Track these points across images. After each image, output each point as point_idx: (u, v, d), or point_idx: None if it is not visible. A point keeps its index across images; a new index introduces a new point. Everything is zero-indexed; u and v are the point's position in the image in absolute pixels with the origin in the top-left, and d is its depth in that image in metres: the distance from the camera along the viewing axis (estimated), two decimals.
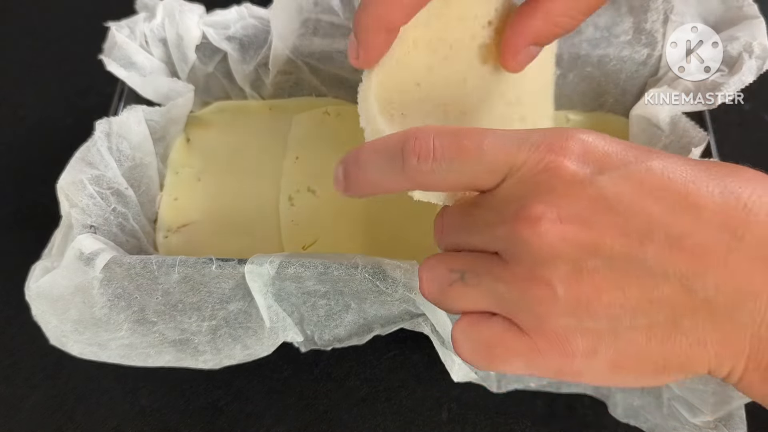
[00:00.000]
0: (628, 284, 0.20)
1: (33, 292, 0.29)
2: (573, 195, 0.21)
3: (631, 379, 0.21)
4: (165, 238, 0.36)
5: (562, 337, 0.21)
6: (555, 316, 0.20)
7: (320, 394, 0.35)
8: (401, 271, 0.27)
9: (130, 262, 0.28)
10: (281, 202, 0.37)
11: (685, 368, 0.20)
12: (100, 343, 0.30)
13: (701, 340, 0.20)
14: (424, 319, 0.29)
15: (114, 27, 0.36)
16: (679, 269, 0.19)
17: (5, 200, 0.43)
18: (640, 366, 0.20)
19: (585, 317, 0.20)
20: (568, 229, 0.20)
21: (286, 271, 0.27)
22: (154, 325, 0.29)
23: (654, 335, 0.20)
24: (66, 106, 0.46)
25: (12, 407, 0.35)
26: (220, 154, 0.40)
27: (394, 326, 0.30)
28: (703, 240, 0.19)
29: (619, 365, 0.21)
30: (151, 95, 0.37)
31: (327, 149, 0.39)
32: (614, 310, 0.20)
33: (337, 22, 0.36)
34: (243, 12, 0.38)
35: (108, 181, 0.32)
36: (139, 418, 0.35)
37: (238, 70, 0.39)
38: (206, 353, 0.31)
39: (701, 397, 0.27)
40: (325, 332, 0.30)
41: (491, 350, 0.22)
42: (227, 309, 0.29)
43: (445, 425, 0.34)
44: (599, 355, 0.20)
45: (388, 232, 0.36)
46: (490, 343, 0.22)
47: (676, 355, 0.20)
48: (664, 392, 0.29)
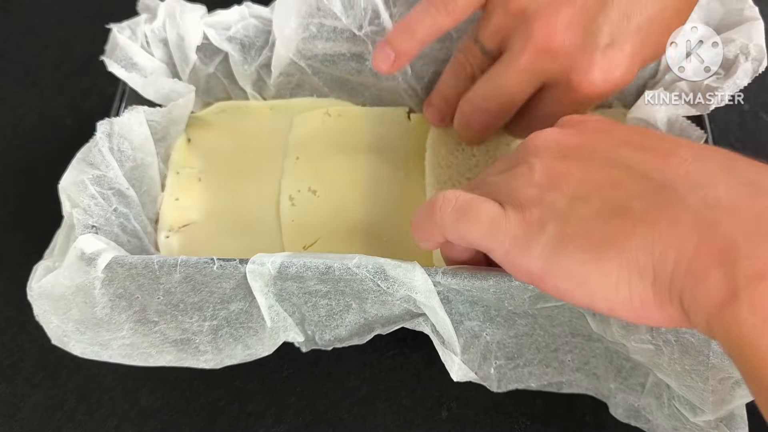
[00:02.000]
0: (595, 171, 0.23)
1: (35, 292, 0.29)
2: (576, 124, 0.26)
3: (571, 260, 0.22)
4: (166, 238, 0.36)
5: (525, 205, 0.23)
6: (525, 187, 0.24)
7: (320, 393, 0.35)
8: (402, 271, 0.27)
9: (131, 262, 0.28)
10: (282, 202, 0.37)
11: (626, 250, 0.21)
12: (102, 343, 0.30)
13: (648, 219, 0.21)
14: (424, 319, 0.29)
15: (116, 28, 0.36)
16: (644, 164, 0.23)
17: (5, 200, 0.43)
18: (583, 240, 0.22)
19: (549, 191, 0.23)
20: (562, 135, 0.25)
21: (287, 270, 0.27)
22: (156, 325, 0.30)
23: (602, 213, 0.22)
24: (67, 107, 0.47)
25: (13, 406, 0.35)
26: (221, 154, 0.40)
27: (395, 326, 0.30)
28: (670, 148, 0.23)
29: (564, 238, 0.22)
30: (152, 96, 0.37)
31: (328, 150, 0.39)
32: (576, 189, 0.23)
33: (339, 27, 0.37)
34: (244, 11, 0.38)
35: (109, 182, 0.32)
36: (140, 417, 0.35)
37: (239, 70, 0.39)
38: (207, 353, 0.31)
39: (701, 396, 0.27)
40: (326, 332, 0.31)
41: (465, 210, 0.25)
42: (228, 309, 0.29)
43: (445, 424, 0.34)
44: (549, 228, 0.23)
45: (388, 232, 0.36)
46: (469, 205, 0.25)
47: (618, 233, 0.21)
48: (664, 392, 0.29)
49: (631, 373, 0.30)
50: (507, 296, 0.28)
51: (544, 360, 0.31)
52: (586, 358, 0.31)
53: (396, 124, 0.40)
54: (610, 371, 0.31)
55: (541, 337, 0.30)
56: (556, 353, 0.31)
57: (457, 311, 0.29)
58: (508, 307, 0.29)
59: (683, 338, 0.26)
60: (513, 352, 0.31)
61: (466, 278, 0.27)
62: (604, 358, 0.31)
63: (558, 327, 0.30)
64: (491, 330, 0.30)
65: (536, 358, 0.31)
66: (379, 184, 0.38)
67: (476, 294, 0.28)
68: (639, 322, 0.22)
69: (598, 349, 0.31)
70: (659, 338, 0.27)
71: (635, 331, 0.27)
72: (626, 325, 0.27)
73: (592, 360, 0.31)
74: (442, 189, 0.37)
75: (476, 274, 0.27)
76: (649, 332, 0.27)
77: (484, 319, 0.30)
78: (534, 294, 0.28)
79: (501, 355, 0.31)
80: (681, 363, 0.27)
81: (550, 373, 0.31)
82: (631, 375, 0.30)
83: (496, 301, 0.28)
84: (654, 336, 0.27)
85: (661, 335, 0.27)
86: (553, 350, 0.31)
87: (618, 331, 0.27)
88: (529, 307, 0.28)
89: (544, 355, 0.31)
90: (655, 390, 0.30)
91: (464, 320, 0.30)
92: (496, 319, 0.30)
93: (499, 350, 0.31)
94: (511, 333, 0.30)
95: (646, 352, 0.27)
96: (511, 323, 0.30)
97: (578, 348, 0.31)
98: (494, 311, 0.30)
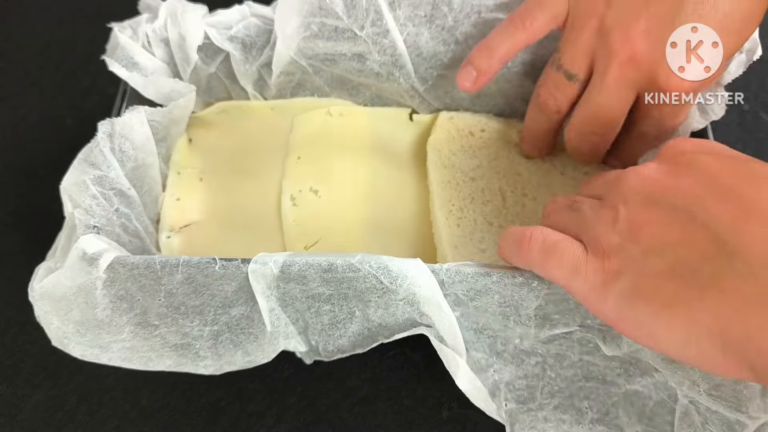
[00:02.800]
0: (673, 225, 0.23)
1: (36, 293, 0.29)
2: (675, 159, 0.26)
3: (641, 314, 0.23)
4: (167, 239, 0.36)
5: (606, 253, 0.24)
6: (608, 234, 0.25)
7: (321, 393, 0.35)
8: (405, 266, 0.27)
9: (133, 262, 0.28)
10: (283, 202, 0.37)
11: (694, 311, 0.21)
12: (102, 346, 0.30)
13: (715, 286, 0.21)
14: (428, 330, 0.29)
15: (117, 28, 0.36)
16: (722, 224, 0.22)
17: (6, 200, 0.43)
18: (653, 296, 0.23)
19: (629, 240, 0.24)
20: (656, 175, 0.25)
21: (290, 269, 0.27)
22: (156, 329, 0.29)
23: (674, 271, 0.22)
24: (67, 107, 0.47)
25: (13, 407, 0.35)
26: (222, 154, 0.40)
27: (398, 335, 0.29)
28: (755, 200, 0.22)
29: (636, 292, 0.23)
30: (153, 96, 0.37)
31: (329, 149, 0.39)
32: (652, 242, 0.23)
33: (340, 26, 0.37)
34: (245, 11, 0.38)
35: (111, 182, 0.32)
36: (141, 418, 0.35)
37: (240, 70, 0.39)
38: (207, 359, 0.30)
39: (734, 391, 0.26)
40: (330, 342, 0.30)
41: (551, 252, 0.26)
42: (230, 314, 0.29)
43: (446, 424, 0.34)
44: (624, 279, 0.23)
45: (390, 232, 0.36)
46: (554, 247, 0.26)
47: (687, 294, 0.22)
48: (695, 418, 0.28)
49: (656, 411, 0.29)
50: (511, 306, 0.28)
51: (560, 407, 0.30)
52: (605, 408, 0.30)
53: (398, 124, 0.41)
54: (632, 415, 0.29)
55: (553, 381, 0.30)
56: (572, 399, 0.30)
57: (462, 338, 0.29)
58: (515, 338, 0.28)
59: None
60: (524, 395, 0.30)
61: (468, 276, 0.27)
62: (624, 402, 0.29)
63: (569, 369, 0.29)
64: (499, 366, 0.30)
65: (550, 403, 0.30)
66: (380, 184, 0.38)
67: (480, 304, 0.28)
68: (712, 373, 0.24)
69: (616, 396, 0.29)
70: None
71: None
72: None
73: (612, 410, 0.30)
74: (444, 190, 0.37)
75: (479, 270, 0.27)
76: None
77: (491, 353, 0.30)
78: (539, 307, 0.28)
79: (511, 398, 0.30)
80: None
81: (567, 421, 0.30)
82: (656, 414, 0.29)
83: (502, 317, 0.28)
84: None
85: None
86: (567, 396, 0.30)
87: (629, 342, 0.27)
88: (534, 336, 0.28)
89: (559, 402, 0.30)
90: (686, 420, 0.28)
91: (470, 350, 0.29)
92: (503, 355, 0.29)
93: (509, 392, 0.30)
94: (520, 373, 0.30)
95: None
96: (519, 362, 0.30)
97: (594, 394, 0.30)
98: (501, 345, 0.29)
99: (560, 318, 0.28)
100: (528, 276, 0.27)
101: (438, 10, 0.36)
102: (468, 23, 0.37)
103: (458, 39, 0.37)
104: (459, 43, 0.37)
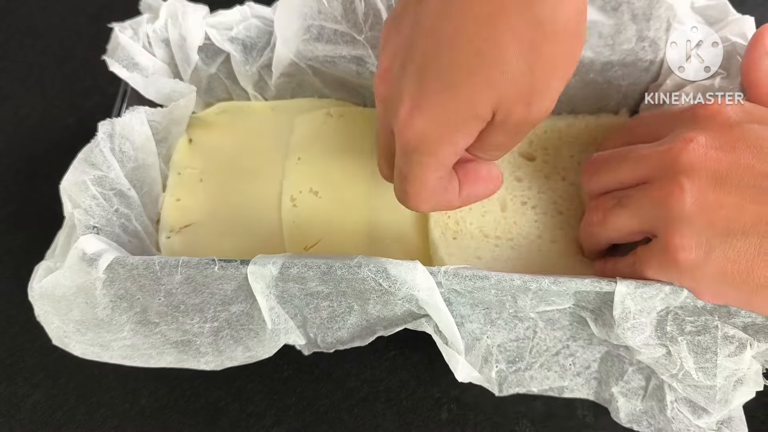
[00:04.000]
0: (748, 205, 0.24)
1: (36, 293, 0.29)
2: (724, 131, 0.26)
3: (734, 290, 0.24)
4: (167, 239, 0.36)
5: (682, 236, 0.25)
6: (679, 219, 0.25)
7: (320, 394, 0.35)
8: (404, 269, 0.27)
9: (132, 263, 0.28)
10: (283, 203, 0.37)
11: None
12: (102, 344, 0.30)
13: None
14: (427, 320, 0.29)
15: (117, 28, 0.36)
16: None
17: (7, 199, 0.43)
18: (745, 278, 0.24)
19: (703, 225, 0.24)
20: (712, 151, 0.25)
21: (289, 271, 0.27)
22: (156, 327, 0.30)
23: (762, 252, 0.23)
24: (68, 106, 0.47)
25: (13, 406, 0.35)
26: (223, 155, 0.40)
27: (397, 327, 0.30)
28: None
29: (726, 273, 0.24)
30: (154, 96, 0.37)
31: (329, 151, 0.39)
32: (730, 224, 0.24)
33: (340, 30, 0.36)
34: (246, 12, 0.38)
35: (111, 182, 0.32)
36: (140, 417, 0.35)
37: (240, 71, 0.39)
38: (208, 355, 0.31)
39: (707, 395, 0.27)
40: (328, 335, 0.30)
41: None
42: (229, 311, 0.29)
43: (445, 426, 0.34)
44: (710, 260, 0.24)
45: (390, 233, 0.36)
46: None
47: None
48: (667, 395, 0.29)
49: (633, 377, 0.30)
50: (508, 297, 0.28)
51: (546, 364, 0.31)
52: (587, 363, 0.31)
53: None
54: (611, 375, 0.31)
55: (542, 341, 0.31)
56: (557, 357, 0.31)
57: (458, 313, 0.29)
58: (510, 309, 0.29)
59: (690, 337, 0.27)
60: (514, 355, 0.31)
61: (467, 278, 0.27)
62: (606, 362, 0.31)
63: (559, 330, 0.30)
64: (492, 333, 0.30)
65: (537, 361, 0.31)
66: (380, 185, 0.38)
67: (477, 295, 0.28)
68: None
69: (599, 353, 0.31)
70: (665, 338, 0.27)
71: (641, 332, 0.27)
72: (631, 326, 0.27)
73: (593, 364, 0.31)
74: None
75: (477, 273, 0.27)
76: (655, 333, 0.27)
77: (485, 322, 0.30)
78: (535, 297, 0.28)
79: (502, 359, 0.31)
80: (688, 362, 0.27)
81: (551, 377, 0.31)
82: (632, 379, 0.30)
83: (498, 303, 0.28)
84: (660, 336, 0.27)
85: (667, 335, 0.27)
86: (554, 354, 0.31)
87: (623, 333, 0.27)
88: (530, 309, 0.28)
89: (546, 359, 0.31)
90: (657, 393, 0.30)
91: (465, 323, 0.30)
92: (497, 322, 0.30)
93: (500, 354, 0.31)
94: (512, 336, 0.30)
95: (652, 352, 0.27)
96: (512, 327, 0.30)
97: (579, 352, 0.31)
98: (495, 314, 0.30)
99: (556, 299, 0.28)
100: (526, 279, 0.27)
101: None
102: None
103: None
104: None
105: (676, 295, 0.26)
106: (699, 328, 0.27)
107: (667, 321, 0.27)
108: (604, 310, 0.28)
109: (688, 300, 0.26)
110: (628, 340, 0.27)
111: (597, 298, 0.28)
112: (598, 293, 0.27)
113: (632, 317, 0.27)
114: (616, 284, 0.26)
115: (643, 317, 0.27)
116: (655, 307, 0.27)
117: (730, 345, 0.27)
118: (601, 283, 0.27)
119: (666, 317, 0.27)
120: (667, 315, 0.27)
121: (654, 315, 0.27)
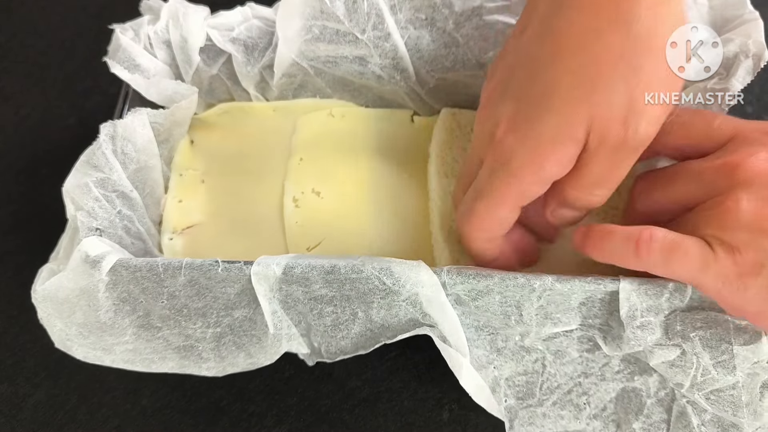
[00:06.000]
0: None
1: (39, 295, 0.29)
2: None
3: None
4: (170, 240, 0.36)
5: (736, 248, 0.24)
6: (733, 230, 0.24)
7: (322, 394, 0.35)
8: (407, 268, 0.27)
9: (135, 265, 0.28)
10: (285, 203, 0.37)
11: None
12: (105, 348, 0.30)
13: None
14: (431, 329, 0.29)
15: (118, 29, 0.36)
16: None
17: (7, 200, 0.43)
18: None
19: (760, 236, 0.24)
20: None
21: (292, 271, 0.27)
22: (159, 331, 0.30)
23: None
24: (69, 106, 0.47)
25: (14, 406, 0.35)
26: (224, 155, 0.40)
27: (401, 336, 0.30)
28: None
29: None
30: (155, 97, 0.37)
31: (331, 151, 0.39)
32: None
33: (342, 30, 0.37)
34: (247, 13, 0.38)
35: (113, 184, 0.32)
36: (141, 417, 0.35)
37: (242, 72, 0.39)
38: (210, 360, 0.30)
39: (732, 398, 0.26)
40: (332, 344, 0.30)
41: (674, 249, 0.25)
42: (232, 316, 0.29)
43: (446, 426, 0.34)
44: (765, 271, 0.23)
45: (392, 234, 0.36)
46: (676, 244, 0.25)
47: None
48: (693, 419, 0.29)
49: (653, 410, 0.29)
50: (513, 308, 0.28)
51: (558, 402, 0.30)
52: (602, 403, 0.30)
53: (400, 125, 0.41)
54: (630, 412, 0.30)
55: (552, 377, 0.30)
56: (570, 395, 0.30)
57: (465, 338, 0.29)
58: (515, 327, 0.29)
59: (701, 332, 0.26)
60: (524, 391, 0.30)
61: (470, 276, 0.27)
62: (622, 400, 0.30)
63: (569, 366, 0.30)
64: (499, 362, 0.30)
65: (549, 399, 0.30)
66: (383, 186, 0.38)
67: (482, 304, 0.28)
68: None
69: (614, 392, 0.30)
70: (677, 337, 0.27)
71: (651, 332, 0.27)
72: (640, 325, 0.27)
73: (609, 405, 0.30)
74: (445, 203, 0.36)
75: (481, 272, 0.27)
76: (666, 335, 0.27)
77: (491, 350, 0.30)
78: (540, 311, 0.28)
79: (511, 394, 0.30)
80: (704, 357, 0.26)
81: (566, 416, 0.30)
82: (653, 413, 0.29)
83: (503, 316, 0.28)
84: (672, 336, 0.27)
85: (678, 333, 0.27)
86: (566, 392, 0.30)
87: (633, 334, 0.27)
88: (536, 326, 0.28)
89: (558, 397, 0.30)
90: (681, 420, 0.29)
91: (471, 348, 0.29)
92: (503, 351, 0.30)
93: (509, 389, 0.30)
94: (520, 369, 0.30)
95: (666, 354, 0.27)
96: (519, 358, 0.30)
97: (592, 389, 0.30)
98: (501, 342, 0.29)
99: (561, 317, 0.28)
100: (530, 277, 0.27)
101: (439, 12, 0.37)
102: (469, 26, 0.37)
103: (459, 42, 0.37)
104: (460, 45, 0.37)
105: (680, 294, 0.26)
106: (710, 323, 0.26)
107: (676, 321, 0.27)
108: (611, 323, 0.28)
109: (693, 299, 0.26)
110: (639, 342, 0.27)
111: (603, 308, 0.27)
112: (603, 300, 0.27)
113: (640, 315, 0.27)
114: (620, 281, 0.27)
115: (651, 316, 0.27)
116: (662, 308, 0.27)
117: (744, 334, 0.26)
118: (605, 280, 0.27)
119: (675, 319, 0.27)
120: (675, 317, 0.27)
121: (662, 317, 0.27)
